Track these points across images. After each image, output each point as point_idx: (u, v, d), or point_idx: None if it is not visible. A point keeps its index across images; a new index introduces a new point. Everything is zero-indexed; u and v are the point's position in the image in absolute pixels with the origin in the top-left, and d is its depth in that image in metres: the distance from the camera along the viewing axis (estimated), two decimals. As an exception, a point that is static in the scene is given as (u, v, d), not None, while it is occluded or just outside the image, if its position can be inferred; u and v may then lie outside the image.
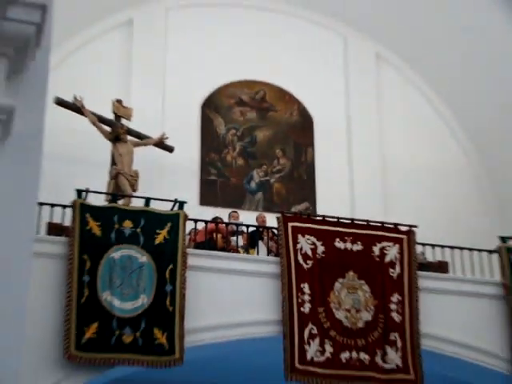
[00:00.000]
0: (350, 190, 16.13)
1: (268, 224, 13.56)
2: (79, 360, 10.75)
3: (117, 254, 11.35)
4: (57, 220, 11.80)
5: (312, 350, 11.69)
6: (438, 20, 16.42)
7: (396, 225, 12.94)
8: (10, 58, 2.86)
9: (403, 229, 12.85)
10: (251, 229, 13.45)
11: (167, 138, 14.17)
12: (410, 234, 12.77)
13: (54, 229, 11.71)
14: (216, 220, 13.41)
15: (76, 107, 13.12)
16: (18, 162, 3.06)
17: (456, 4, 15.80)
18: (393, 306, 12.17)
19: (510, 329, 12.56)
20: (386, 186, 16.27)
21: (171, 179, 14.32)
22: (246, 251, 13.11)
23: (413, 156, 16.67)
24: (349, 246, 12.43)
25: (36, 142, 3.19)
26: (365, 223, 12.97)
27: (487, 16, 15.53)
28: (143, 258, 11.43)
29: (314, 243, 12.31)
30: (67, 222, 11.57)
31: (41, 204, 10.87)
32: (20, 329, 2.96)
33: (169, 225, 11.71)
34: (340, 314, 11.95)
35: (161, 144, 14.14)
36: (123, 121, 13.74)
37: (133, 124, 13.93)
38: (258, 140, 16.41)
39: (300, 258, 12.15)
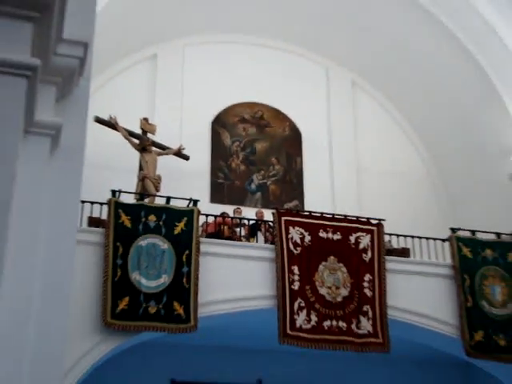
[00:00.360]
0: (330, 190, 16.07)
1: (265, 218, 13.41)
2: (113, 327, 10.69)
3: (143, 242, 11.27)
4: (96, 215, 11.74)
5: (300, 319, 11.63)
6: (403, 54, 16.36)
7: (368, 219, 12.89)
8: (58, 86, 2.86)
9: (374, 222, 12.80)
10: (251, 222, 13.44)
11: (184, 148, 14.09)
12: (379, 226, 12.74)
13: (94, 222, 11.67)
14: (223, 215, 13.33)
15: (111, 124, 13.09)
16: (65, 168, 3.03)
17: (415, 42, 15.72)
18: (365, 284, 12.15)
19: (457, 301, 12.50)
20: (360, 188, 16.21)
21: (187, 182, 14.21)
22: (247, 240, 13.11)
23: (381, 164, 16.67)
24: (330, 235, 12.41)
25: (79, 153, 3.18)
26: (343, 217, 12.93)
27: (441, 55, 15.42)
28: (165, 245, 11.34)
29: (302, 233, 12.29)
30: (104, 216, 11.53)
31: (83, 202, 10.72)
32: (66, 301, 2.90)
33: (185, 218, 11.64)
34: (323, 291, 11.90)
35: (179, 153, 14.07)
36: (149, 135, 13.69)
37: (156, 137, 13.86)
38: (257, 150, 16.34)
39: (291, 245, 12.12)
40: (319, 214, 12.91)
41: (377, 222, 12.77)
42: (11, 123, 2.50)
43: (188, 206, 11.88)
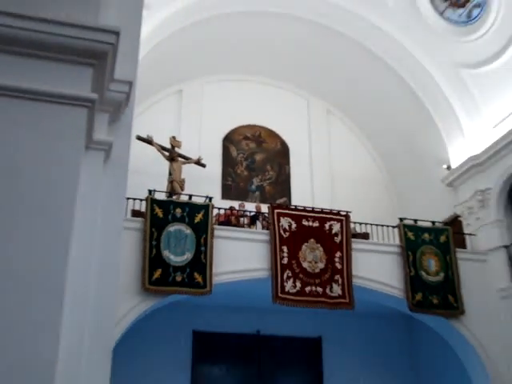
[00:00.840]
0: (310, 190, 16.05)
1: (262, 210, 13.46)
2: (150, 291, 10.75)
3: (172, 228, 11.27)
4: (137, 208, 11.76)
5: (288, 285, 11.63)
6: (363, 90, 16.34)
7: (338, 211, 12.87)
8: (110, 113, 2.88)
9: (343, 213, 12.77)
10: (252, 213, 13.44)
11: (202, 159, 14.12)
12: (347, 216, 12.72)
13: (136, 213, 11.65)
14: (231, 208, 13.35)
15: (148, 141, 13.11)
16: (114, 174, 3.03)
17: (371, 81, 15.74)
18: (336, 259, 12.13)
19: (403, 272, 12.53)
20: (333, 188, 16.18)
21: (204, 184, 14.12)
22: (249, 226, 13.08)
23: (348, 170, 16.62)
24: (310, 223, 12.38)
25: (124, 162, 3.16)
26: (320, 210, 12.90)
27: (389, 90, 15.47)
28: (187, 230, 11.34)
29: (289, 222, 12.26)
30: (143, 209, 11.56)
31: (127, 198, 10.77)
32: (116, 271, 2.93)
33: (203, 211, 11.64)
34: (305, 264, 11.90)
35: (198, 163, 14.07)
36: (176, 149, 13.68)
37: (181, 150, 13.84)
38: (256, 160, 16.34)
39: (281, 230, 12.10)
40: (302, 208, 12.90)
41: (345, 213, 12.73)
42: (76, 141, 2.54)
43: (205, 201, 11.87)
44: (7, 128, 2.47)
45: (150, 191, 11.57)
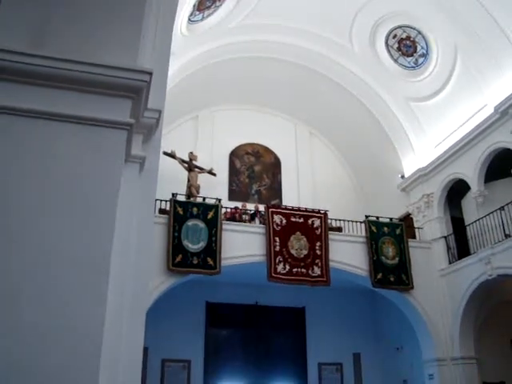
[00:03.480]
0: (297, 194, 15.90)
1: (260, 209, 13.33)
2: (173, 271, 10.77)
3: (190, 223, 11.24)
4: (163, 207, 11.73)
5: (279, 267, 11.64)
6: (337, 117, 16.29)
7: (319, 210, 12.84)
8: (144, 134, 2.84)
9: (322, 212, 12.74)
10: (252, 212, 13.34)
11: (213, 169, 14.05)
12: (325, 214, 12.69)
13: (162, 211, 11.63)
14: (235, 207, 13.31)
15: (172, 155, 13.01)
16: (147, 181, 2.98)
17: (342, 111, 15.73)
18: (317, 247, 12.10)
19: (368, 256, 12.53)
20: (314, 192, 16.03)
21: (215, 188, 14.01)
22: (250, 222, 12.96)
23: (326, 179, 16.48)
24: (297, 219, 12.34)
25: (155, 172, 3.12)
26: (304, 209, 12.88)
27: (357, 117, 15.47)
28: (202, 225, 11.30)
29: (281, 218, 12.23)
30: (168, 208, 11.53)
31: (156, 200, 10.74)
32: (149, 255, 2.89)
33: (214, 209, 11.60)
34: (293, 251, 11.88)
35: (210, 172, 13.98)
36: (193, 162, 13.60)
37: (197, 163, 13.75)
38: (255, 171, 16.20)
39: (274, 225, 12.07)
40: (291, 207, 12.93)
41: (324, 211, 12.71)
42: (118, 156, 2.54)
43: (215, 202, 11.83)
44: (68, 146, 2.51)
45: (173, 194, 11.56)
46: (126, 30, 2.81)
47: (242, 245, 11.64)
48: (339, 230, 13.25)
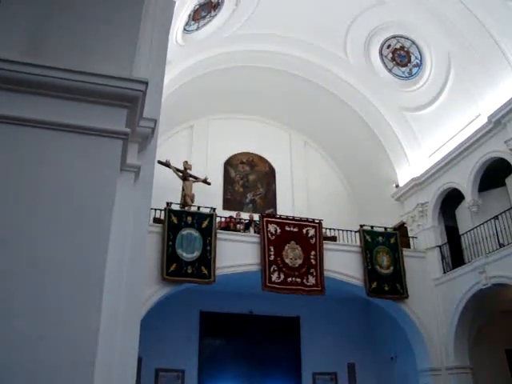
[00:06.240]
0: (292, 203, 15.91)
1: (254, 219, 13.32)
2: (167, 280, 10.68)
3: (184, 232, 11.18)
4: (158, 216, 11.67)
5: (274, 276, 11.57)
6: (332, 128, 16.35)
7: (313, 219, 12.81)
8: (139, 143, 2.85)
9: (316, 221, 12.71)
10: (246, 221, 13.28)
11: (208, 178, 13.92)
12: (320, 223, 12.65)
13: (157, 220, 11.57)
14: (230, 217, 13.21)
15: (167, 164, 12.96)
16: (142, 190, 2.99)
17: (337, 121, 15.84)
18: (311, 256, 12.05)
19: (362, 266, 12.48)
20: (309, 201, 16.07)
21: (209, 197, 13.97)
22: (244, 231, 12.91)
23: (320, 187, 16.51)
24: (291, 229, 12.30)
25: (149, 181, 3.13)
26: (299, 218, 12.86)
27: (351, 128, 15.54)
28: (196, 234, 11.23)
29: (275, 228, 12.19)
30: (162, 217, 11.47)
31: (151, 209, 10.73)
32: (143, 264, 2.88)
33: (208, 218, 11.54)
34: (287, 260, 11.83)
35: (205, 181, 13.86)
36: (188, 170, 13.50)
37: (192, 172, 13.67)
38: (250, 180, 16.20)
39: (269, 234, 12.02)
40: (285, 217, 12.86)
41: (318, 221, 12.67)
42: (114, 164, 2.54)
43: (210, 211, 11.78)
44: (64, 155, 2.52)
45: (167, 203, 11.49)
46: (121, 39, 2.84)
47: (237, 254, 11.58)
48: (334, 239, 13.22)
